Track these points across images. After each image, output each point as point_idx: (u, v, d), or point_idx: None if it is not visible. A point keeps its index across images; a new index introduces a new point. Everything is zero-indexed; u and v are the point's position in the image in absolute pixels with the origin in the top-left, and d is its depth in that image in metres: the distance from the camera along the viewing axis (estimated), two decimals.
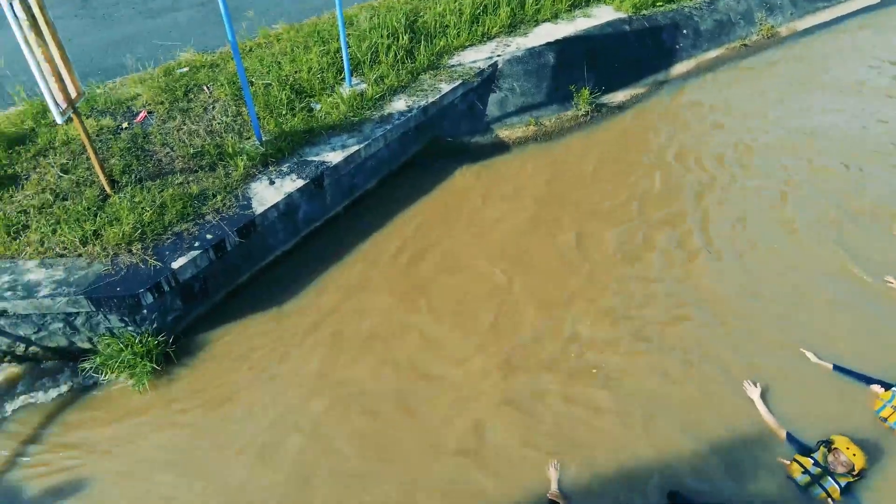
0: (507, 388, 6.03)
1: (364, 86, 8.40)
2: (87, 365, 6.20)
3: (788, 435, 5.51)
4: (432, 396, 6.02)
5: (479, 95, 9.14)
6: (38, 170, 7.00)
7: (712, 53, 10.94)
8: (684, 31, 10.80)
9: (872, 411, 5.71)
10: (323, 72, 8.50)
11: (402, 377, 6.19)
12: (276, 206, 6.85)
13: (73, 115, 6.12)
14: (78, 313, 6.00)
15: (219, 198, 6.79)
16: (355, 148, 7.55)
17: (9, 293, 5.80)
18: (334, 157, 7.42)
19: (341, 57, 8.39)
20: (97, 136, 7.40)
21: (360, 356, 6.39)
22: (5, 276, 5.95)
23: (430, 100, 8.37)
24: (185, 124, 7.68)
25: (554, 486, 5.22)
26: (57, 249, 6.20)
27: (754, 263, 7.22)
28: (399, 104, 8.29)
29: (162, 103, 7.96)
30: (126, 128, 7.60)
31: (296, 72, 8.46)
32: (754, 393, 5.83)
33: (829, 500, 5.14)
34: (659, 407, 5.86)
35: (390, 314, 6.77)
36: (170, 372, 6.28)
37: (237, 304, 6.92)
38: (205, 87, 8.23)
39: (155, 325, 6.26)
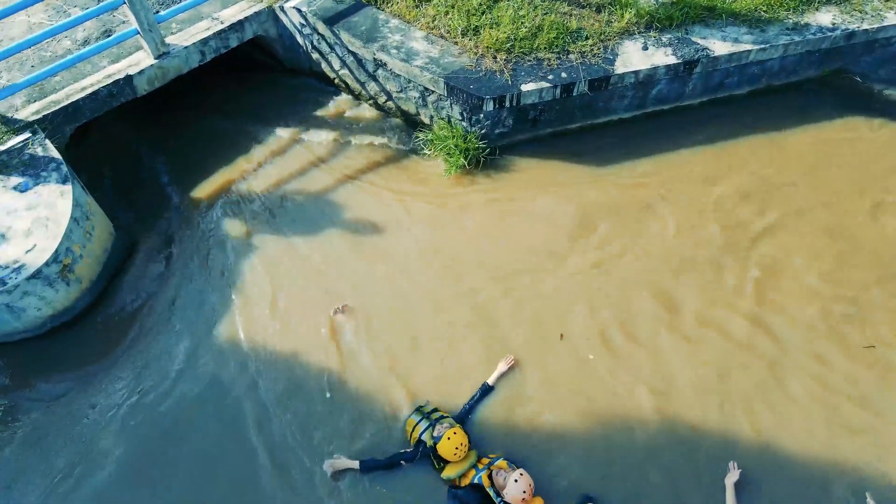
0: None
1: None
2: (420, 136, 7.14)
3: None
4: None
5: None
6: None
7: None
8: None
9: None
10: None
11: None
12: (636, 72, 6.63)
13: None
14: (433, 92, 6.78)
15: (589, 42, 6.75)
16: (747, 47, 6.76)
17: (394, 51, 6.71)
18: (719, 47, 6.76)
19: None
20: None
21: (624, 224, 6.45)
22: (397, 36, 6.85)
23: (865, 26, 6.94)
24: None
25: (493, 376, 5.46)
26: (442, 31, 6.87)
27: None
28: (824, 17, 7.04)
29: None
30: None
31: None
32: (731, 477, 4.88)
33: None
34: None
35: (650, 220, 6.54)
36: (474, 174, 6.95)
37: (558, 144, 7.16)
38: None
39: (483, 131, 6.85)
